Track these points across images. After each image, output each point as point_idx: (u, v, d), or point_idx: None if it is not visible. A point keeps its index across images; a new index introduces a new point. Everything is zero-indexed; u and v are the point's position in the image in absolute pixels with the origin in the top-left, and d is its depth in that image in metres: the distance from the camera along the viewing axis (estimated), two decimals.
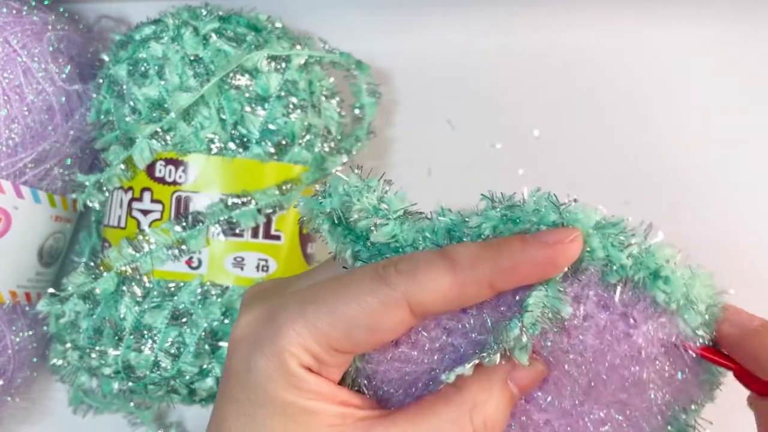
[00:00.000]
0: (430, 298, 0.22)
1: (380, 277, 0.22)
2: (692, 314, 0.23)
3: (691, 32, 0.42)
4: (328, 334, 0.22)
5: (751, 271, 0.41)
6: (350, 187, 0.23)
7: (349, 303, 0.22)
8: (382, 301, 0.21)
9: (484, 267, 0.22)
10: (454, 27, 0.44)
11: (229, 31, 0.36)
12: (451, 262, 0.22)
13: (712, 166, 0.42)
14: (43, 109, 0.37)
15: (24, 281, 0.39)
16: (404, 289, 0.21)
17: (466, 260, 0.22)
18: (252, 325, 0.23)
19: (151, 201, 0.36)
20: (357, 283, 0.22)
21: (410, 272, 0.22)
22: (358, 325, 0.22)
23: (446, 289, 0.22)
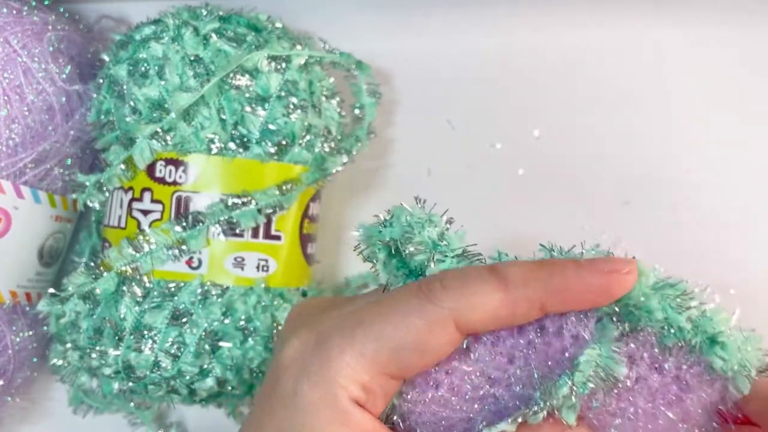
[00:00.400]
0: (478, 315, 0.21)
1: (425, 295, 0.21)
2: (745, 381, 0.22)
3: (692, 32, 0.42)
4: (377, 359, 0.21)
5: (751, 270, 0.41)
6: (413, 219, 0.23)
7: (396, 325, 0.21)
8: (429, 321, 0.21)
9: (537, 286, 0.21)
10: (455, 27, 0.44)
11: (230, 31, 0.36)
12: (502, 279, 0.21)
13: (712, 166, 0.42)
14: (43, 109, 0.37)
15: (24, 281, 0.39)
16: (451, 306, 0.21)
17: (518, 278, 0.21)
18: (300, 351, 0.22)
19: (152, 201, 0.36)
20: (402, 304, 0.21)
21: (458, 288, 0.21)
22: (406, 348, 0.21)
23: (496, 307, 0.21)
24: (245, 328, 0.35)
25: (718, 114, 0.42)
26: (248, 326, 0.35)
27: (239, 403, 0.40)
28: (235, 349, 0.35)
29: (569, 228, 0.42)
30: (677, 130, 0.42)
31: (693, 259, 0.41)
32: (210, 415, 0.42)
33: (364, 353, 0.21)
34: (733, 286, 0.41)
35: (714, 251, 0.41)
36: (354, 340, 0.21)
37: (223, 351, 0.35)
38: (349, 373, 0.21)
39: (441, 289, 0.21)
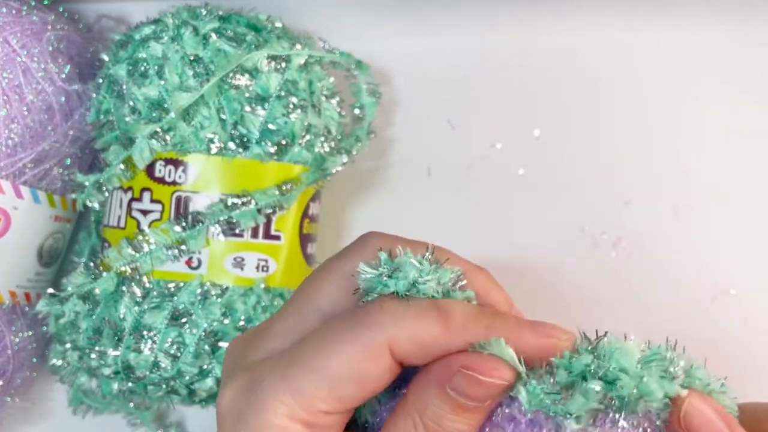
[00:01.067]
0: (413, 345, 0.20)
1: (360, 320, 0.21)
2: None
3: (693, 33, 0.42)
4: (314, 396, 0.20)
5: (751, 270, 0.41)
6: (422, 276, 0.22)
7: (331, 356, 0.20)
8: (365, 348, 0.20)
9: (477, 330, 0.21)
10: (455, 27, 0.44)
11: (229, 30, 0.36)
12: (444, 315, 0.21)
13: (712, 166, 0.42)
14: (42, 109, 0.37)
15: (23, 281, 0.39)
16: (387, 331, 0.20)
17: (460, 318, 0.21)
18: (233, 398, 0.21)
19: (151, 201, 0.36)
20: (337, 334, 0.21)
21: (398, 314, 0.20)
22: (345, 380, 0.20)
23: (431, 340, 0.20)
24: (245, 328, 0.35)
25: (718, 114, 0.42)
26: (248, 326, 0.35)
27: None
28: None
29: (569, 228, 0.42)
30: (677, 130, 0.42)
31: (693, 259, 0.41)
32: (210, 415, 0.42)
33: (301, 390, 0.20)
34: (733, 286, 0.41)
35: (714, 251, 0.41)
36: (288, 377, 0.20)
37: (223, 351, 0.35)
38: (286, 412, 0.20)
39: (379, 312, 0.21)
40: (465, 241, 0.43)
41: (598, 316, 0.42)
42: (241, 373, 0.22)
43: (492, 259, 0.43)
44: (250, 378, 0.21)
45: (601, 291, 0.42)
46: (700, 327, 0.41)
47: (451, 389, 0.20)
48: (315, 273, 0.24)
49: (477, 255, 0.43)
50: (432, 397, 0.21)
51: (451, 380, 0.20)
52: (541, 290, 0.42)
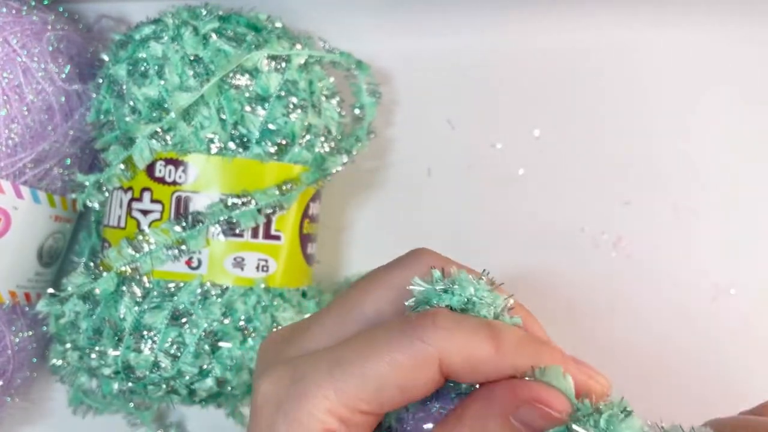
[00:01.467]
0: (464, 362, 0.21)
1: (412, 331, 0.21)
2: None
3: (693, 33, 0.42)
4: (357, 397, 0.21)
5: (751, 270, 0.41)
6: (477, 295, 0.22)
7: (380, 363, 0.21)
8: (414, 359, 0.20)
9: (526, 356, 0.21)
10: (455, 27, 0.44)
11: (229, 30, 0.36)
12: (495, 336, 0.21)
13: (712, 165, 0.42)
14: (42, 109, 0.37)
15: (24, 281, 0.39)
16: (440, 345, 0.20)
17: (511, 341, 0.21)
18: (274, 388, 0.22)
19: (151, 201, 0.36)
20: (387, 340, 0.21)
21: (451, 330, 0.21)
22: (389, 386, 0.21)
23: (483, 359, 0.21)
24: (245, 328, 0.35)
25: (718, 114, 0.42)
26: (248, 326, 0.35)
27: (239, 404, 0.40)
28: (234, 349, 0.35)
29: (569, 228, 0.42)
30: (678, 130, 0.42)
31: (693, 259, 0.41)
32: (210, 415, 0.42)
33: (345, 389, 0.21)
34: (733, 286, 0.41)
35: (714, 251, 0.41)
36: (334, 375, 0.21)
37: (223, 351, 0.35)
38: (328, 407, 0.21)
39: (432, 327, 0.21)
40: (465, 241, 0.43)
41: (597, 316, 0.42)
42: (282, 365, 0.22)
43: (492, 259, 0.43)
44: (293, 371, 0.22)
45: (601, 291, 0.42)
46: (700, 327, 0.41)
47: (517, 419, 0.20)
48: (363, 280, 0.24)
49: (477, 255, 0.43)
50: (492, 424, 0.21)
51: (519, 411, 0.20)
52: (541, 290, 0.42)
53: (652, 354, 0.41)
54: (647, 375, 0.41)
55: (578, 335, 0.41)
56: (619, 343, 0.41)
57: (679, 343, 0.41)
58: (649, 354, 0.41)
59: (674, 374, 0.41)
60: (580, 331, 0.42)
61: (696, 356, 0.41)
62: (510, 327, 0.22)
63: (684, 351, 0.41)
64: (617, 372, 0.41)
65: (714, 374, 0.40)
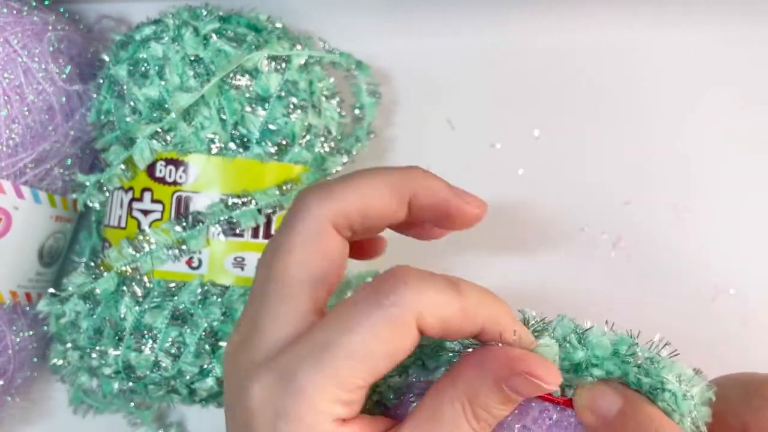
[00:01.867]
0: (435, 319, 0.21)
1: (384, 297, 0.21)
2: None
3: (692, 33, 0.42)
4: (352, 376, 0.21)
5: (751, 270, 0.41)
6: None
7: (364, 338, 0.21)
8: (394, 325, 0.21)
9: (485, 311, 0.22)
10: (454, 27, 0.44)
11: (230, 31, 0.36)
12: (460, 292, 0.22)
13: (712, 165, 0.42)
14: (43, 110, 0.37)
15: (24, 281, 0.39)
16: (413, 306, 0.21)
17: (474, 297, 0.22)
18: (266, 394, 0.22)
19: (152, 201, 0.36)
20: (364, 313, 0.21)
21: (420, 289, 0.21)
22: (378, 356, 0.21)
23: (451, 315, 0.21)
24: None
25: (718, 114, 0.42)
26: None
27: None
28: None
29: (569, 228, 0.42)
30: (677, 130, 0.42)
31: (693, 259, 0.41)
32: (210, 415, 0.42)
33: (338, 374, 0.21)
34: (733, 286, 0.41)
35: (714, 251, 0.41)
36: (323, 364, 0.21)
37: (223, 350, 0.35)
38: (328, 398, 0.21)
39: (404, 287, 0.21)
40: (464, 242, 0.43)
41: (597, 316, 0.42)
42: (263, 370, 0.22)
43: (491, 259, 0.43)
44: (278, 372, 0.22)
45: (600, 291, 0.42)
46: (700, 327, 0.41)
47: (508, 387, 0.22)
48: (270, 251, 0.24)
49: (476, 255, 0.43)
50: (485, 389, 0.22)
51: (510, 380, 0.21)
52: (541, 290, 0.42)
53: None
54: None
55: None
56: None
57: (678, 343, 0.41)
58: None
59: None
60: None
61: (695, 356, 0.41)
62: (470, 283, 0.22)
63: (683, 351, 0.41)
64: None
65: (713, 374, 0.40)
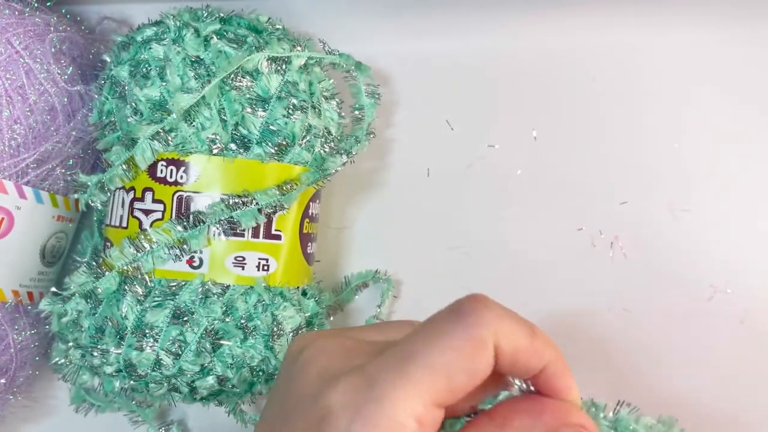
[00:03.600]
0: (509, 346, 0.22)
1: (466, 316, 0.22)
2: None
3: (689, 34, 0.42)
4: (432, 388, 0.21)
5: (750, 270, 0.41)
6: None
7: (444, 350, 0.21)
8: (474, 341, 0.21)
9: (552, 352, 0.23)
10: (453, 28, 0.44)
11: (230, 32, 0.36)
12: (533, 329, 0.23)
13: (711, 166, 0.42)
14: (45, 110, 0.37)
15: (26, 280, 0.39)
16: (492, 327, 0.21)
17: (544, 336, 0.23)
18: (351, 394, 0.22)
19: (153, 201, 0.36)
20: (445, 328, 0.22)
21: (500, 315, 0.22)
22: (457, 371, 0.21)
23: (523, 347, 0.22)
24: (246, 326, 0.35)
25: (716, 115, 0.42)
26: (249, 325, 0.35)
27: (240, 401, 0.40)
28: (235, 347, 0.35)
29: (567, 228, 0.42)
30: (675, 131, 0.42)
31: (691, 259, 0.41)
32: (211, 413, 0.43)
33: (420, 386, 0.21)
34: (730, 286, 0.41)
35: (713, 251, 0.41)
36: (407, 374, 0.21)
37: (224, 349, 0.35)
38: (407, 408, 0.21)
39: (485, 309, 0.22)
40: (464, 242, 0.43)
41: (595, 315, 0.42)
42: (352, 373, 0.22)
43: (490, 259, 0.43)
44: (365, 375, 0.22)
45: (598, 290, 0.42)
46: (697, 326, 0.41)
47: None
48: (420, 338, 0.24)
49: (476, 255, 0.43)
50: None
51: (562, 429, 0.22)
52: (539, 290, 0.42)
53: (649, 353, 0.41)
54: (644, 374, 0.41)
55: (575, 334, 0.42)
56: (615, 342, 0.41)
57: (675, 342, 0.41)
58: (645, 353, 0.41)
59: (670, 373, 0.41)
60: (577, 330, 0.42)
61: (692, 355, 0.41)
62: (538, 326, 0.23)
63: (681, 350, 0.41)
64: (614, 370, 0.41)
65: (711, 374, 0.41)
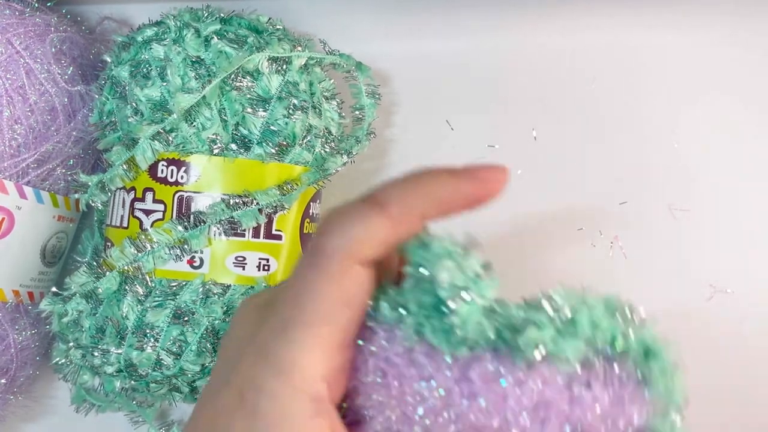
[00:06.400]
0: (369, 249, 0.21)
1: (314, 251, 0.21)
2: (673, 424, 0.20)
3: (691, 34, 0.42)
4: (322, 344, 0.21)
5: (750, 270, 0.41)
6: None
7: (310, 297, 0.21)
8: (330, 274, 0.21)
9: (416, 203, 0.22)
10: (454, 28, 0.44)
11: (231, 32, 0.36)
12: (382, 207, 0.21)
13: (711, 166, 0.42)
14: (45, 110, 0.37)
15: (27, 280, 0.39)
16: (339, 251, 0.21)
17: (398, 201, 0.22)
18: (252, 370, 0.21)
19: (153, 201, 0.36)
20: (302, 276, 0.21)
21: (340, 230, 0.21)
22: (337, 311, 0.21)
23: (383, 236, 0.21)
24: None
25: (715, 115, 0.42)
26: None
27: None
28: None
29: (567, 228, 0.43)
30: (676, 131, 0.42)
31: (691, 259, 0.41)
32: None
33: (308, 344, 0.21)
34: (730, 285, 0.41)
35: (713, 251, 0.41)
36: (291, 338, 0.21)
37: None
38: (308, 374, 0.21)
39: (327, 237, 0.21)
40: None
41: None
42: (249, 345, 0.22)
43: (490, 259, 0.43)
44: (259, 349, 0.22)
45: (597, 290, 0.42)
46: (697, 326, 0.41)
47: None
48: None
49: None
50: None
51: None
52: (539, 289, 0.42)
53: None
54: None
55: None
56: None
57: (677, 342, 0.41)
58: None
59: None
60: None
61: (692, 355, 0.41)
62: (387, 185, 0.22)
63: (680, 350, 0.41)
64: None
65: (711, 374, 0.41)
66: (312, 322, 0.21)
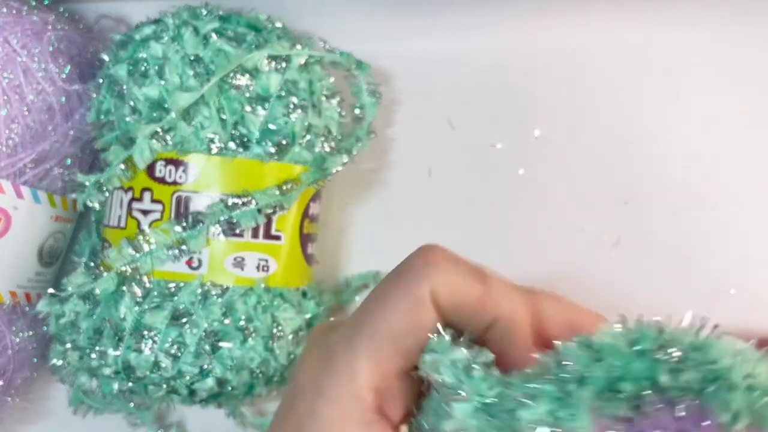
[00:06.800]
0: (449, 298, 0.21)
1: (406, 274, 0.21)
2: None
3: (693, 34, 0.42)
4: (379, 356, 0.21)
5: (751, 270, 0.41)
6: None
7: (386, 315, 0.21)
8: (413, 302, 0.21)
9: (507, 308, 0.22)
10: (455, 27, 0.44)
11: (230, 31, 0.36)
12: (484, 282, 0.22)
13: (712, 165, 0.42)
14: (43, 109, 0.37)
15: (24, 281, 0.39)
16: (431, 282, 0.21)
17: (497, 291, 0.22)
18: (314, 370, 0.22)
19: (151, 201, 0.36)
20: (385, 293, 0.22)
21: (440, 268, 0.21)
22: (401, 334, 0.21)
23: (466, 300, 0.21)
24: (245, 328, 0.35)
25: (717, 114, 0.42)
26: (248, 326, 0.35)
27: (239, 404, 0.40)
28: (235, 349, 0.35)
29: (569, 228, 0.42)
30: (677, 131, 0.42)
31: (692, 259, 0.41)
32: (210, 415, 0.42)
33: (369, 355, 0.21)
34: (733, 286, 0.41)
35: (714, 251, 0.41)
36: (356, 345, 0.21)
37: (223, 351, 0.35)
38: (361, 380, 0.21)
39: (423, 263, 0.21)
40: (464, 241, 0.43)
41: None
42: (317, 347, 0.23)
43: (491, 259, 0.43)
44: (327, 350, 0.22)
45: (600, 291, 0.42)
46: None
47: None
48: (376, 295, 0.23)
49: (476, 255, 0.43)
50: None
51: None
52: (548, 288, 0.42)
53: None
54: None
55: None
56: None
57: None
58: None
59: None
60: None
61: None
62: (499, 279, 0.22)
63: None
64: None
65: None
66: (377, 334, 0.21)
